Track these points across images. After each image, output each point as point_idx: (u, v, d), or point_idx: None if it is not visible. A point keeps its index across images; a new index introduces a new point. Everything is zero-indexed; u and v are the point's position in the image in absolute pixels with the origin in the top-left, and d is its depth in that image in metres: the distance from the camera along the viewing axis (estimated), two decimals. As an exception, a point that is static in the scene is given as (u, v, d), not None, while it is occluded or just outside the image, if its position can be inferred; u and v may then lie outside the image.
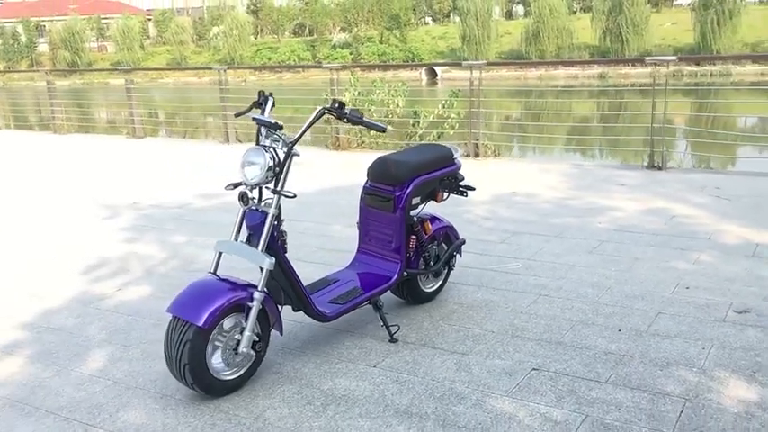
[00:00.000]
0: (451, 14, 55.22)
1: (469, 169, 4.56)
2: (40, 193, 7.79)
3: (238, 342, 3.12)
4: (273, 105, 3.43)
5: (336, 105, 3.27)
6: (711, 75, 40.30)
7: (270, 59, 50.48)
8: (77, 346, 3.75)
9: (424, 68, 41.21)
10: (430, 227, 3.98)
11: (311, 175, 8.03)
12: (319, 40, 51.53)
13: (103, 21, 61.18)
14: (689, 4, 53.46)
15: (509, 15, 53.68)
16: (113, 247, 5.52)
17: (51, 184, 8.29)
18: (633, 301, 4.07)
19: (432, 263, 4.03)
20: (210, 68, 13.46)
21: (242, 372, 3.19)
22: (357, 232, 4.01)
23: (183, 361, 2.96)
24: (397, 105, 9.84)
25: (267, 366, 3.37)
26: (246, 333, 3.09)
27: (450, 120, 9.56)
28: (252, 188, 3.22)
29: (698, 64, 42.07)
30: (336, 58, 48.02)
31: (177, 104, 16.52)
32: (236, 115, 3.67)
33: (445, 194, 4.04)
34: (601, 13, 44.60)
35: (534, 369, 3.30)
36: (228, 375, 3.15)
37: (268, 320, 3.23)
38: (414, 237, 3.85)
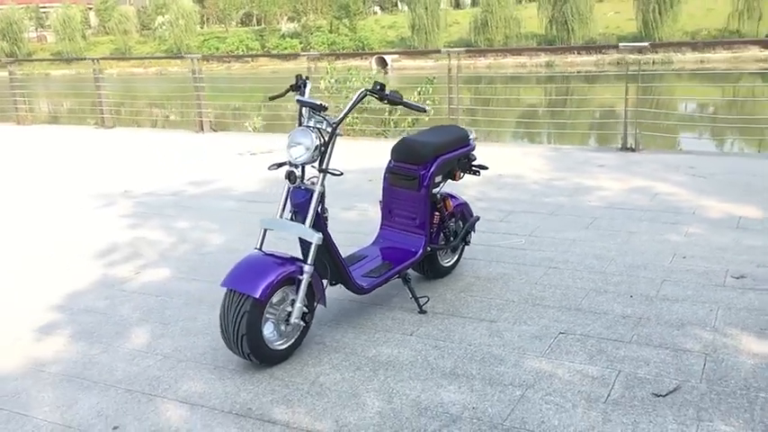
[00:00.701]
0: (399, 4, 55.41)
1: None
2: (26, 186, 7.72)
3: (289, 314, 3.28)
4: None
5: (378, 87, 3.44)
6: (654, 62, 41.47)
7: (218, 49, 49.86)
8: (115, 325, 3.84)
9: (374, 58, 41.28)
10: (450, 204, 4.19)
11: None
12: (268, 30, 51.08)
13: (42, 10, 59.44)
14: (630, -6, 54.71)
15: (457, 5, 54.15)
16: (119, 233, 5.57)
17: (34, 176, 8.21)
18: (637, 270, 4.35)
19: (452, 238, 4.24)
20: (182, 57, 13.36)
21: (291, 341, 3.35)
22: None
23: (241, 332, 3.11)
24: (373, 92, 9.99)
25: (309, 338, 3.53)
26: (297, 305, 3.25)
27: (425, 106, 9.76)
28: (296, 167, 3.36)
29: (640, 51, 43.08)
30: (285, 48, 47.79)
31: (132, 94, 16.27)
32: (271, 98, 3.80)
33: (461, 174, 4.25)
34: (547, 3, 45.44)
35: (561, 333, 3.55)
36: (280, 345, 3.31)
37: (313, 293, 3.39)
38: (437, 213, 4.06)
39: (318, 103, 3.33)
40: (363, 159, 7.68)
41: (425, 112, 3.72)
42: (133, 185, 7.26)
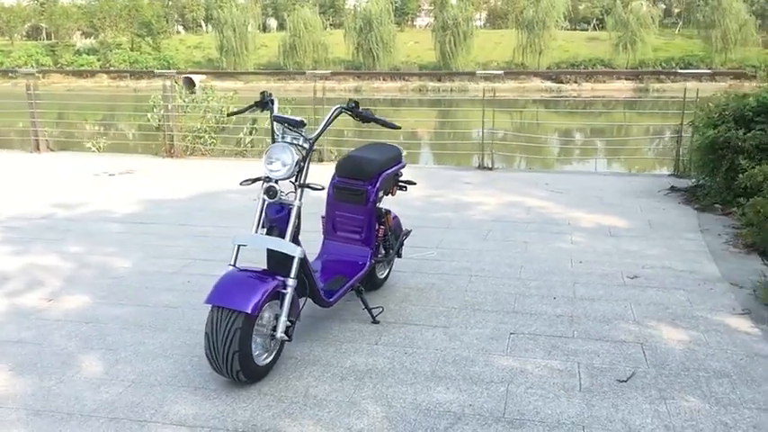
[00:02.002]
0: (203, 24, 54.44)
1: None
2: None
3: (273, 328, 3.27)
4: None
5: (353, 105, 3.55)
6: (452, 90, 44.48)
7: (2, 64, 45.86)
8: (56, 354, 3.56)
9: (182, 78, 40.25)
10: (391, 218, 4.36)
11: (163, 183, 7.87)
12: (60, 45, 47.85)
13: None
14: (427, 26, 58.30)
15: (264, 28, 54.27)
16: (3, 261, 5.08)
17: None
18: (548, 275, 4.79)
19: (390, 251, 4.41)
20: (16, 71, 12.23)
21: (273, 356, 3.34)
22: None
23: (233, 349, 3.06)
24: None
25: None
26: (282, 318, 3.26)
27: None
28: (274, 182, 3.37)
29: (439, 80, 46.35)
30: (82, 65, 45.09)
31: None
32: (229, 114, 3.76)
33: (396, 189, 4.45)
34: (352, 30, 47.05)
35: (512, 333, 3.84)
36: (264, 360, 3.29)
37: (294, 307, 3.40)
38: (381, 227, 4.22)
39: (299, 119, 3.38)
40: (232, 179, 7.59)
41: (399, 128, 3.88)
42: (-13, 209, 6.61)
